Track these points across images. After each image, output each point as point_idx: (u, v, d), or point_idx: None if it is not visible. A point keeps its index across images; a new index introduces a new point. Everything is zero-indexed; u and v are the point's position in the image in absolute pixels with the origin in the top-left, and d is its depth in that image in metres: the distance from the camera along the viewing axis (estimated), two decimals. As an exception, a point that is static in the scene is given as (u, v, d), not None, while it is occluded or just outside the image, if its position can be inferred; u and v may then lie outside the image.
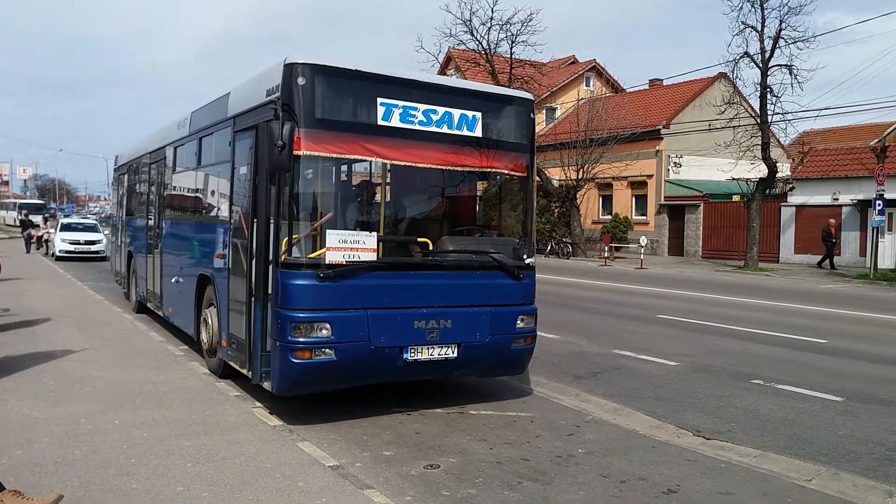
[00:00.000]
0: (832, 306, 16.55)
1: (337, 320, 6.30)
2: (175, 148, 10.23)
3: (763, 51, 27.56)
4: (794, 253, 30.45)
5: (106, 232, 30.63)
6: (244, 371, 7.10)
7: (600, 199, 38.81)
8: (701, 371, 9.38)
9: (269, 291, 6.42)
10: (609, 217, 36.88)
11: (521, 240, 7.45)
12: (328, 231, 6.32)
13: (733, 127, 28.21)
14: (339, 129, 6.40)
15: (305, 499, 4.67)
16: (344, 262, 6.29)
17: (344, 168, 7.66)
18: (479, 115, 7.00)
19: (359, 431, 6.43)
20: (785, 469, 5.70)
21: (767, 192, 28.82)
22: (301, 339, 6.19)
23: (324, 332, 6.26)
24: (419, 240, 7.06)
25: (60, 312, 12.51)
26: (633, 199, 37.25)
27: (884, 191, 24.50)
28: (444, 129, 6.83)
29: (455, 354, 6.81)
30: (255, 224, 6.88)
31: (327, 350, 6.28)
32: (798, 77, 26.99)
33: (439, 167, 6.94)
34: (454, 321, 6.76)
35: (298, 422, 6.55)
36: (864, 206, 27.64)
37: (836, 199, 29.50)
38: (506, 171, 7.34)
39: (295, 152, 6.08)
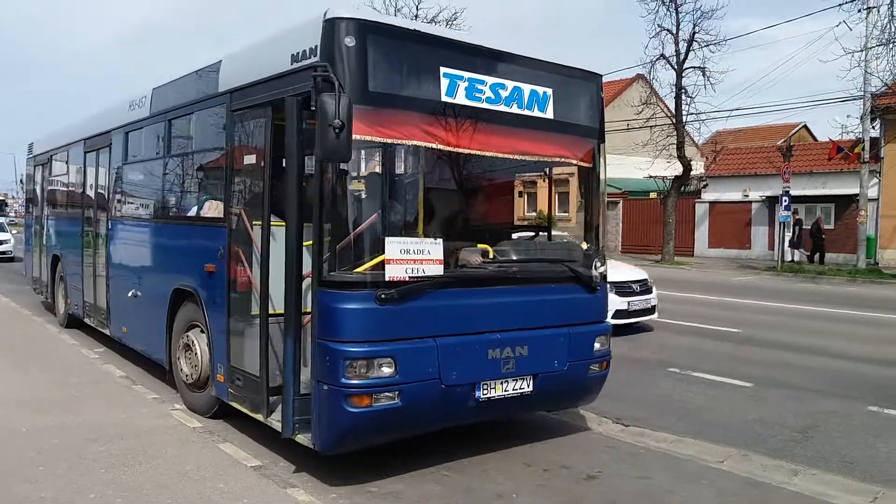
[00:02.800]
0: (743, 297, 16.89)
1: (402, 354, 4.64)
2: (126, 133, 8.09)
3: (678, 53, 27.57)
4: (708, 247, 30.60)
5: (14, 231, 27.11)
6: (257, 415, 5.31)
7: (526, 196, 37.95)
8: (619, 360, 8.42)
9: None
10: (534, 214, 36.03)
11: (589, 244, 5.99)
12: (387, 239, 4.63)
13: (650, 126, 28.12)
14: (393, 106, 4.73)
15: (226, 500, 4.44)
16: (407, 278, 4.63)
17: (393, 156, 5.89)
18: (549, 91, 5.47)
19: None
20: (699, 452, 5.78)
21: (682, 189, 28.80)
22: (357, 381, 4.50)
23: (386, 369, 4.59)
24: (479, 246, 5.45)
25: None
26: (557, 196, 36.56)
27: (789, 188, 24.79)
28: (514, 109, 5.27)
29: (531, 388, 5.27)
30: (266, 228, 5.14)
31: (390, 394, 4.61)
32: (711, 79, 27.19)
33: (506, 156, 5.34)
34: (531, 347, 5.22)
35: (219, 423, 6.10)
36: (772, 203, 28.02)
37: (747, 196, 29.81)
38: (574, 161, 5.83)
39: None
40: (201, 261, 6.08)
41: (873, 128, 25.07)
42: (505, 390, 5.13)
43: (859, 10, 23.68)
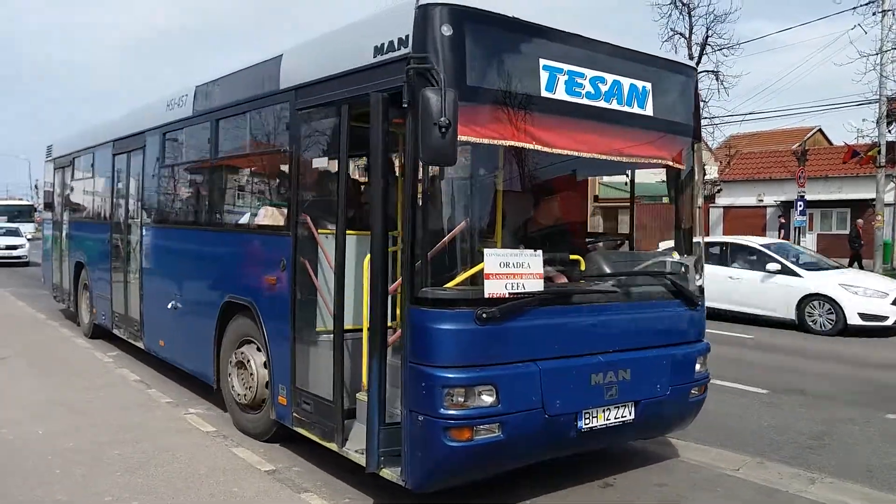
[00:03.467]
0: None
1: (503, 380, 4.09)
2: (164, 134, 7.52)
3: (691, 57, 27.01)
4: (721, 252, 30.06)
5: (29, 236, 26.64)
6: (328, 444, 4.75)
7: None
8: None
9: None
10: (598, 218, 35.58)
11: (684, 254, 5.44)
12: (486, 251, 4.07)
13: (664, 130, 27.49)
14: (491, 102, 4.17)
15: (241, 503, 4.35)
16: (506, 295, 4.07)
17: (481, 158, 5.31)
18: (648, 86, 4.93)
19: (296, 437, 5.37)
20: (714, 459, 5.63)
21: (697, 194, 28.25)
22: (457, 412, 3.95)
23: (487, 398, 4.04)
24: (571, 257, 4.89)
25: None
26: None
27: (804, 192, 24.31)
28: (613, 105, 4.72)
29: (632, 416, 4.71)
30: (341, 237, 4.61)
31: (492, 426, 4.05)
32: (724, 83, 26.61)
33: (604, 157, 4.78)
34: (633, 371, 4.66)
35: (233, 428, 5.97)
36: (786, 207, 27.53)
37: (761, 201, 29.33)
38: (671, 163, 5.30)
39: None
40: (259, 272, 5.52)
41: (889, 132, 24.57)
42: (607, 419, 4.58)
43: (874, 14, 23.26)
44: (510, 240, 5.01)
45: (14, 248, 23.93)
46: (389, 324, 4.70)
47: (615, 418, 4.61)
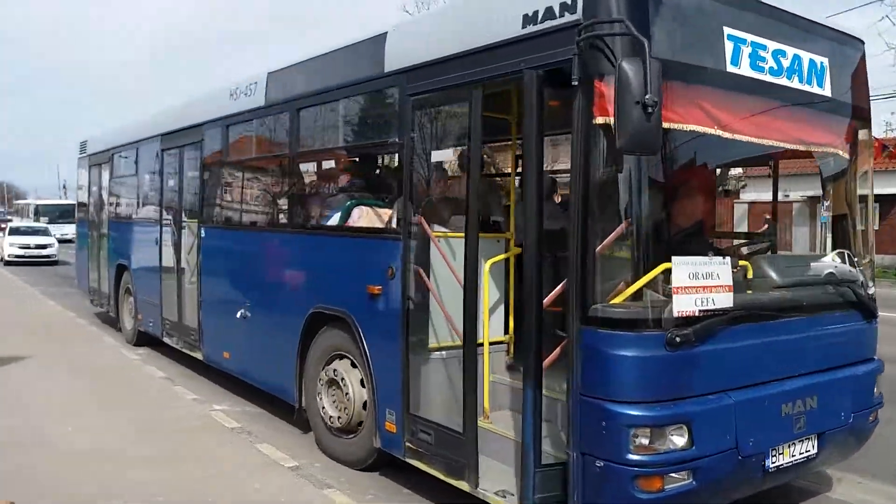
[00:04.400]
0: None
1: (697, 417, 3.33)
2: (226, 126, 6.74)
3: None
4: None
5: (57, 235, 26.18)
6: (457, 482, 3.99)
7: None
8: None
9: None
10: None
11: (853, 258, 4.65)
12: (675, 260, 3.30)
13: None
14: (679, 79, 3.39)
15: (263, 500, 4.37)
16: (696, 312, 3.31)
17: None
18: (825, 61, 4.14)
19: None
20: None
21: (721, 189, 27.48)
22: (647, 458, 3.19)
23: (678, 439, 3.28)
24: (740, 263, 4.11)
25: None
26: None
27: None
28: (794, 83, 3.95)
29: (815, 450, 3.94)
30: (473, 241, 3.87)
31: (684, 473, 3.29)
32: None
33: (782, 145, 3.97)
34: (819, 397, 3.89)
35: (257, 424, 5.97)
36: (813, 203, 26.71)
37: (787, 196, 28.46)
38: (843, 153, 4.50)
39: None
40: (358, 279, 4.75)
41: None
42: (792, 455, 3.81)
43: (903, 4, 22.45)
44: (680, 245, 4.23)
45: (44, 247, 24.26)
46: (500, 338, 4.01)
47: (799, 453, 3.85)
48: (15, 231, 25.35)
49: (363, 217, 5.08)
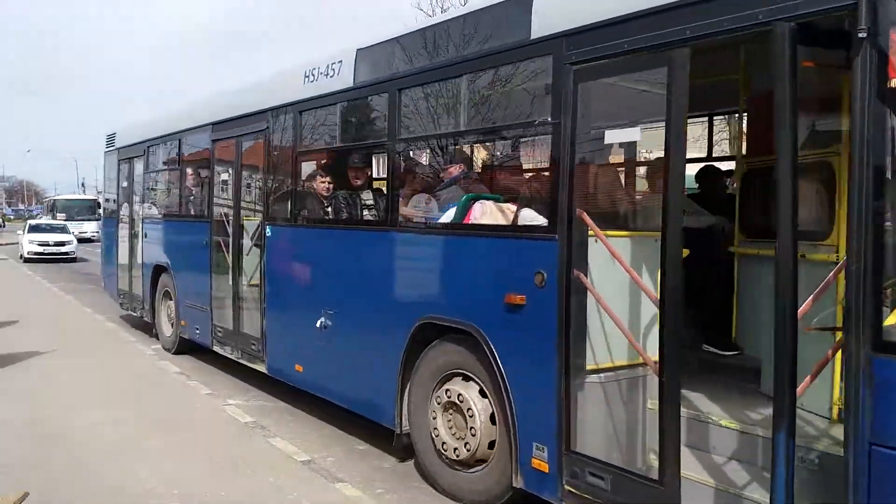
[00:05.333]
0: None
1: None
2: (300, 112, 5.94)
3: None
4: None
5: (75, 233, 25.83)
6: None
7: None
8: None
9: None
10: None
11: None
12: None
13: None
14: None
15: (276, 493, 4.30)
16: None
17: None
18: None
19: (332, 428, 5.77)
20: None
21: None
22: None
23: None
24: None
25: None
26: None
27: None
28: None
29: None
30: (676, 245, 3.06)
31: None
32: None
33: None
34: None
35: (271, 417, 6.02)
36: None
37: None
38: None
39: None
40: (491, 286, 3.97)
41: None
42: None
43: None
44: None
45: (62, 244, 24.39)
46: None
47: None
48: (34, 229, 25.53)
49: (487, 214, 4.30)
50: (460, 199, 4.47)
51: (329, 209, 5.72)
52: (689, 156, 3.46)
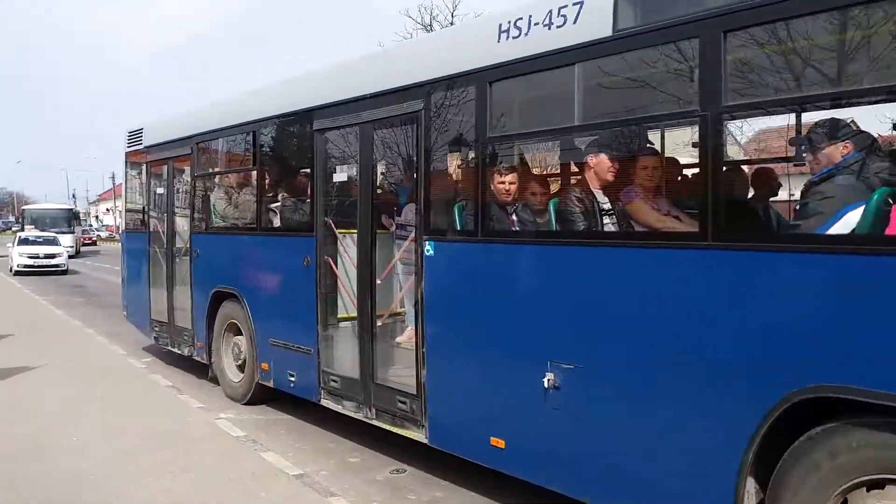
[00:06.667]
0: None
1: None
2: (489, 83, 4.15)
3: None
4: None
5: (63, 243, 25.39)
6: None
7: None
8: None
9: None
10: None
11: None
12: None
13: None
14: None
15: None
16: None
17: None
18: None
19: (325, 440, 5.64)
20: None
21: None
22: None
23: None
24: None
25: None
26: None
27: None
28: None
29: None
30: None
31: None
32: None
33: None
34: None
35: (263, 431, 5.82)
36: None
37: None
38: None
39: None
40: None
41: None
42: None
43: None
44: None
45: (53, 256, 23.64)
46: None
47: None
48: (24, 241, 24.67)
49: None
50: (864, 199, 2.80)
51: (551, 219, 3.96)
52: None
